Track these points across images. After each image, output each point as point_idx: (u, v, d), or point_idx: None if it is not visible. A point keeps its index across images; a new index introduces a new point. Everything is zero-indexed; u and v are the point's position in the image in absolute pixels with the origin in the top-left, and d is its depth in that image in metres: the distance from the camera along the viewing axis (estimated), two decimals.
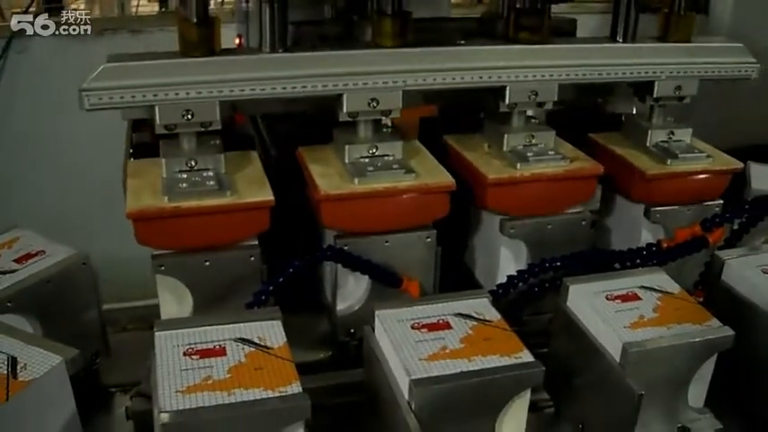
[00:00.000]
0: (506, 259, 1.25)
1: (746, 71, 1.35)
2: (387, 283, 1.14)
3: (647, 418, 0.99)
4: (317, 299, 1.28)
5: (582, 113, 1.51)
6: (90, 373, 1.11)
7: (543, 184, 1.22)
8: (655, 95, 1.31)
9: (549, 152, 1.26)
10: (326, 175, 1.15)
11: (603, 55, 1.27)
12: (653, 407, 0.99)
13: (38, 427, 0.88)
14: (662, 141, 1.34)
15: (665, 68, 1.29)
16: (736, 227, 1.30)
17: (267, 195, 1.09)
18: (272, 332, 0.93)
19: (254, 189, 1.10)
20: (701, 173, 1.29)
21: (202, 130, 1.10)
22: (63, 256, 1.11)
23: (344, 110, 1.15)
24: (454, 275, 1.28)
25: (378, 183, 1.13)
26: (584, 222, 1.25)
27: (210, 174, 1.11)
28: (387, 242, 1.16)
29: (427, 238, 1.17)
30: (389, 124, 1.25)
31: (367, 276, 1.16)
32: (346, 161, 1.18)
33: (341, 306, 1.19)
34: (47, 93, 2.49)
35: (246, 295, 1.07)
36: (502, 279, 1.21)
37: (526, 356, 0.91)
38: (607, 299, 1.03)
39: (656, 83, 1.30)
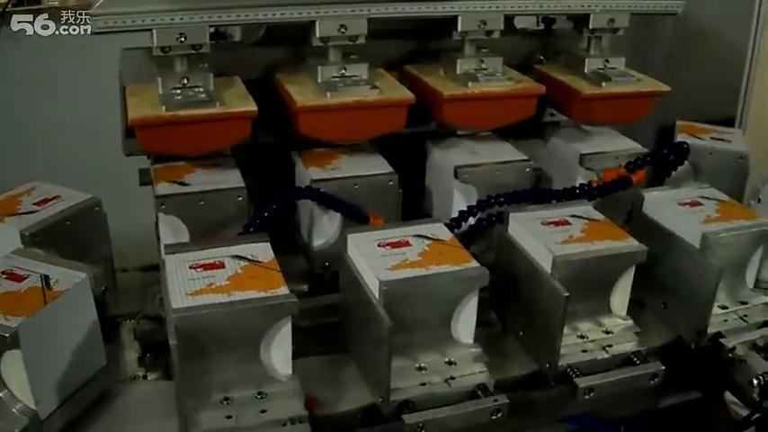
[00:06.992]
0: (459, 202, 1.42)
1: (672, 7, 1.57)
2: (356, 220, 1.30)
3: (574, 319, 1.18)
4: (291, 242, 1.44)
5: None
6: (100, 304, 1.27)
7: (491, 101, 1.43)
8: (591, 27, 1.51)
9: (497, 74, 1.45)
10: (302, 92, 1.33)
11: None
12: (579, 310, 1.18)
13: (68, 330, 1.04)
14: (598, 68, 1.54)
15: (600, 2, 1.50)
16: None
17: (251, 106, 1.26)
18: (262, 251, 1.10)
19: (239, 102, 1.28)
20: (631, 94, 1.51)
21: (193, 52, 1.27)
22: (78, 200, 1.27)
23: (317, 35, 1.33)
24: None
25: (347, 96, 1.32)
26: (528, 170, 1.44)
27: (201, 89, 1.28)
28: (355, 185, 1.33)
29: (390, 181, 1.35)
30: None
31: (339, 215, 1.32)
32: (319, 80, 1.36)
33: (317, 242, 1.36)
34: None
35: (235, 230, 1.25)
36: None
37: (473, 264, 1.10)
38: (542, 224, 1.22)
39: (592, 16, 1.50)
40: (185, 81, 1.28)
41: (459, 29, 1.43)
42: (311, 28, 1.33)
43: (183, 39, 1.25)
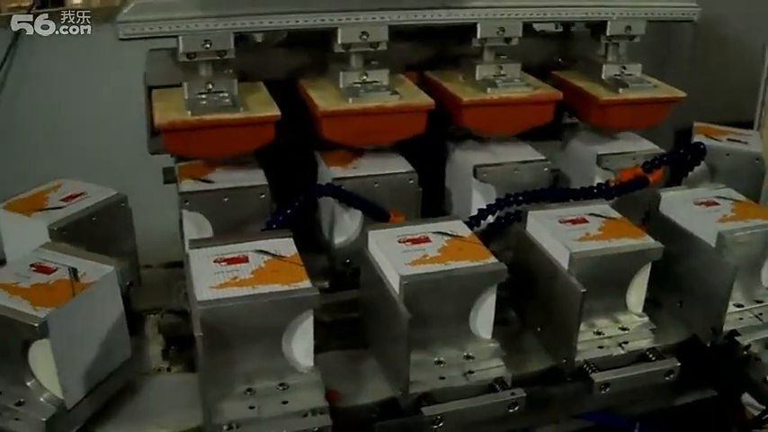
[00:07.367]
0: (478, 201, 1.44)
1: (689, 14, 1.58)
2: (376, 218, 1.32)
3: (591, 316, 1.20)
4: (312, 240, 1.45)
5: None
6: (125, 298, 1.29)
7: (510, 107, 1.45)
8: (608, 34, 1.53)
9: (515, 80, 1.48)
10: (324, 98, 1.36)
11: None
12: (596, 307, 1.19)
13: (95, 321, 1.07)
14: (615, 75, 1.55)
15: (617, 10, 1.51)
16: None
17: (274, 111, 1.29)
18: (285, 246, 1.13)
19: (263, 107, 1.30)
20: (648, 100, 1.52)
21: (218, 58, 1.30)
22: (104, 196, 1.31)
23: (339, 41, 1.35)
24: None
25: (368, 102, 1.34)
26: (545, 169, 1.46)
27: (225, 94, 1.30)
28: (376, 183, 1.36)
29: (410, 180, 1.37)
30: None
31: (360, 213, 1.34)
32: (341, 86, 1.38)
33: (338, 240, 1.38)
34: None
35: (257, 227, 1.27)
36: None
37: (491, 260, 1.12)
38: (560, 222, 1.23)
39: (609, 23, 1.52)
40: (210, 86, 1.31)
41: (479, 35, 1.44)
42: (333, 34, 1.36)
43: (208, 45, 1.27)
